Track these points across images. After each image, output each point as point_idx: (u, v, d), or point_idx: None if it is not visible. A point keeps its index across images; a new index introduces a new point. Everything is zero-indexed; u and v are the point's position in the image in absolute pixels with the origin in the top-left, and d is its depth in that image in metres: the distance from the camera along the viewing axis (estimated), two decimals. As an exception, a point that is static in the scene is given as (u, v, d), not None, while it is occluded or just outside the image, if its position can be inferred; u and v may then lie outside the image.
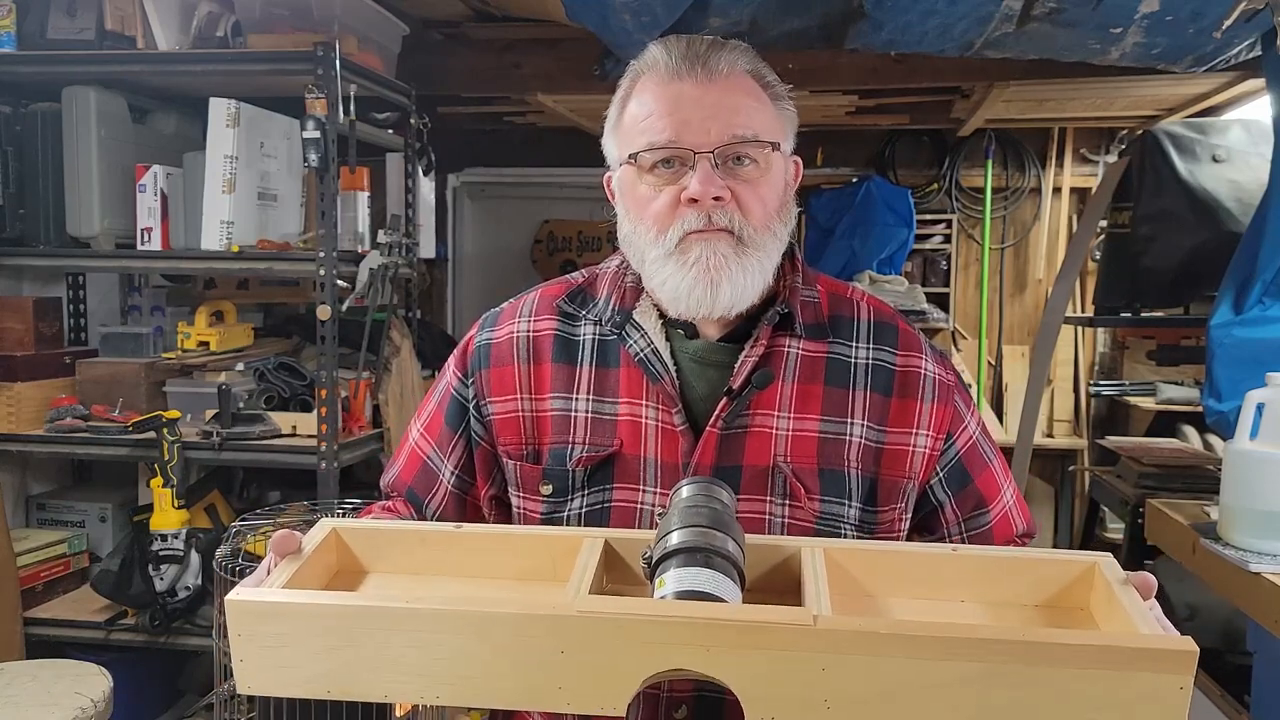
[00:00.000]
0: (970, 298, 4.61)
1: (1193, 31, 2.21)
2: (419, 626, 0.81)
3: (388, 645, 0.82)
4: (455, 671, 0.81)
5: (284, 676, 0.83)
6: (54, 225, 2.77)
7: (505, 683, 0.81)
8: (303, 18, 2.68)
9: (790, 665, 0.78)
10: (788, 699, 0.79)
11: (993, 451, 1.16)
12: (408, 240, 2.97)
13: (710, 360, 1.08)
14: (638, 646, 0.79)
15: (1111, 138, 4.41)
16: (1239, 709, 2.16)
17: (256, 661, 0.83)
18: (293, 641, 0.83)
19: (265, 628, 0.83)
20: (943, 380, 1.11)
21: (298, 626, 0.83)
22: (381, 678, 0.82)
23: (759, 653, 0.79)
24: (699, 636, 0.79)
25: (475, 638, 0.81)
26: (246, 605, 0.83)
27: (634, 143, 1.05)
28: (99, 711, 2.04)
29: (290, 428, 2.70)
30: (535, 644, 0.80)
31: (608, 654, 0.80)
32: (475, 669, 0.81)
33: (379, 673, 0.82)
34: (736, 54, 1.06)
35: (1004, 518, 1.15)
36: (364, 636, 0.82)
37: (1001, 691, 0.77)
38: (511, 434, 1.11)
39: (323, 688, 0.83)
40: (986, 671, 0.77)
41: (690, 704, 1.03)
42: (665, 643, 0.79)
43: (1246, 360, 2.30)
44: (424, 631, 0.81)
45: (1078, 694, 0.77)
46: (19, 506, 3.04)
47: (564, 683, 0.80)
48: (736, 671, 0.79)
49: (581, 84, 3.24)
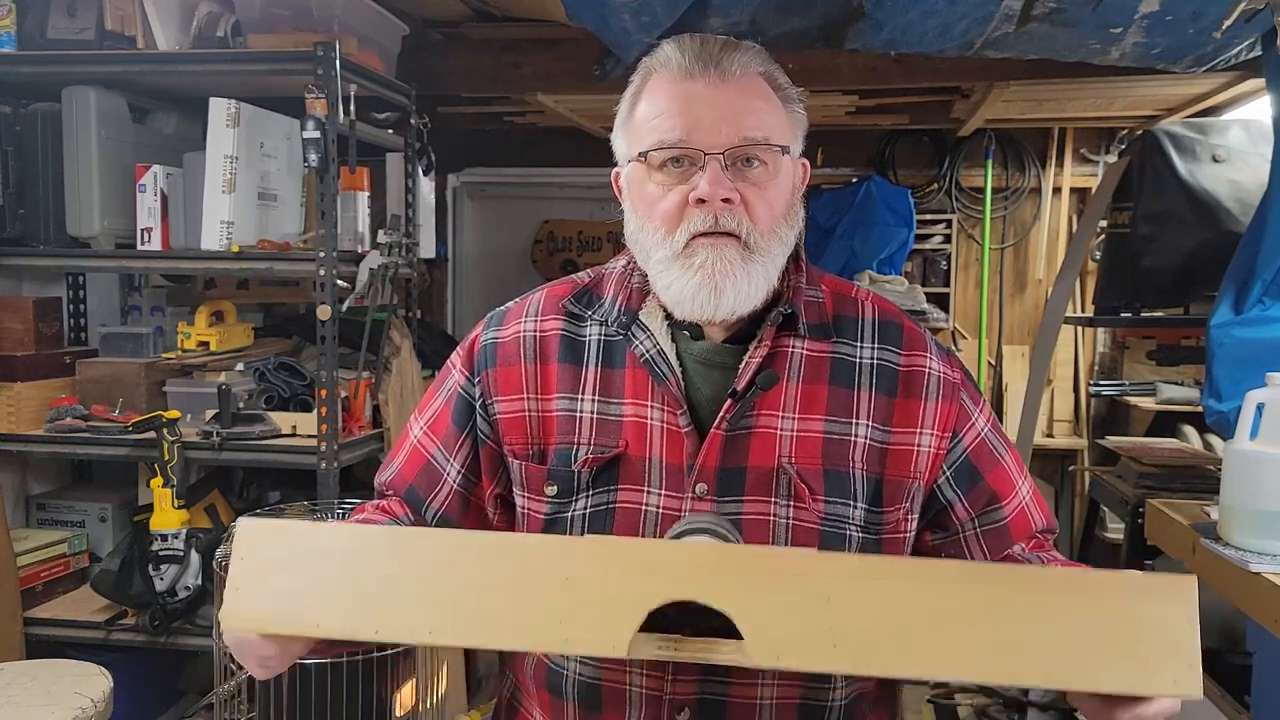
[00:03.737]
0: (970, 298, 4.61)
1: (1193, 31, 2.21)
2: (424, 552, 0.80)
3: (389, 573, 0.80)
4: (455, 604, 0.79)
5: (278, 607, 0.82)
6: (54, 225, 2.77)
7: (505, 617, 0.79)
8: (303, 18, 2.68)
9: (795, 597, 0.77)
10: (793, 636, 0.77)
11: (1005, 448, 1.14)
12: (408, 240, 2.97)
13: (715, 361, 1.08)
14: (644, 575, 0.78)
15: (1111, 138, 4.41)
16: (1239, 709, 2.16)
17: (253, 587, 0.82)
18: (295, 568, 0.82)
19: (270, 551, 0.82)
20: (948, 378, 1.11)
21: (303, 549, 0.82)
22: (378, 612, 0.80)
23: (765, 581, 0.77)
24: (705, 561, 0.78)
25: (480, 567, 0.80)
26: (257, 525, 0.84)
27: (644, 141, 1.05)
28: (99, 711, 2.03)
29: (290, 428, 2.70)
30: (541, 572, 0.79)
31: (614, 582, 0.78)
32: (476, 602, 0.79)
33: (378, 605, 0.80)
34: (750, 55, 1.05)
35: (1020, 513, 1.14)
36: (368, 563, 0.81)
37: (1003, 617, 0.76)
38: (517, 434, 1.11)
39: (314, 622, 0.82)
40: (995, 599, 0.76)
41: (693, 707, 1.03)
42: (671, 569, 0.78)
43: (1246, 360, 2.30)
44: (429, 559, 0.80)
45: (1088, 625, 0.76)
46: (19, 506, 3.04)
47: (565, 616, 0.78)
48: (742, 603, 0.77)
49: (581, 84, 3.24)
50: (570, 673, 1.08)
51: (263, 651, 0.89)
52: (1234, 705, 2.17)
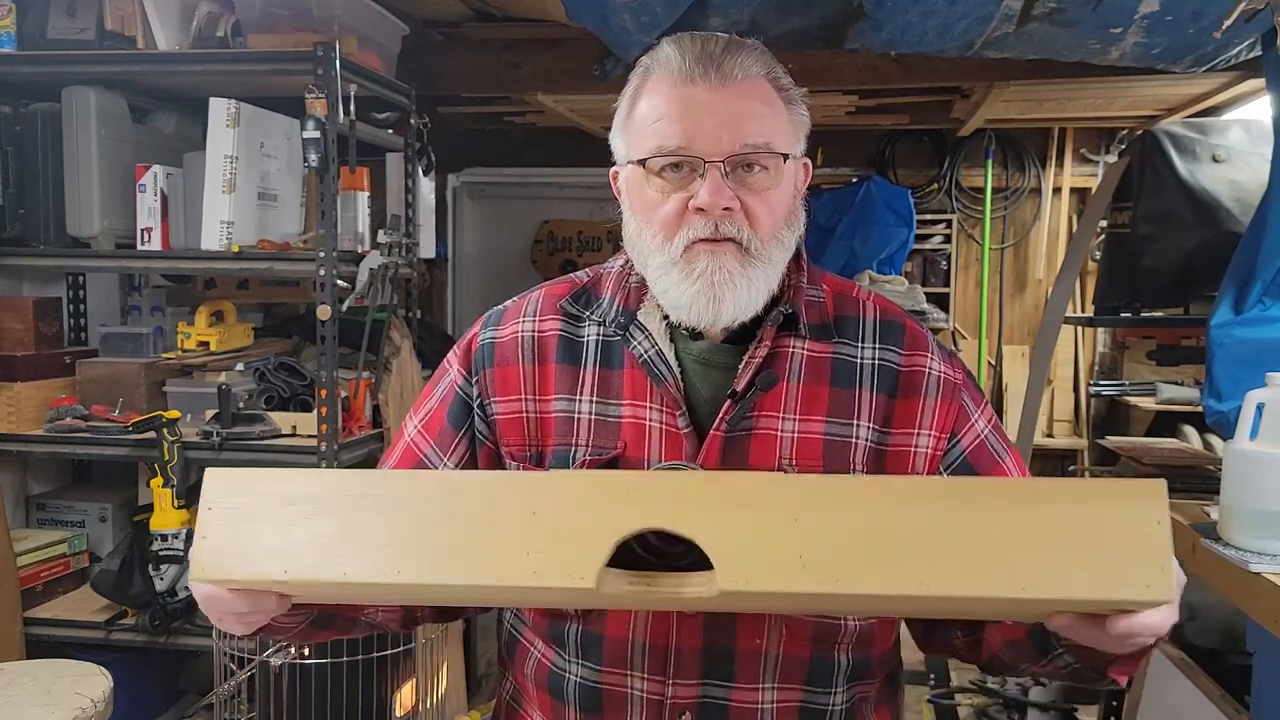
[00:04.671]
0: (970, 298, 4.61)
1: (1193, 31, 2.21)
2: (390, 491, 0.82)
3: (355, 513, 0.81)
4: (422, 541, 0.80)
5: (245, 554, 0.82)
6: (54, 225, 2.77)
7: (473, 552, 0.79)
8: (303, 18, 2.68)
9: (762, 520, 0.77)
10: (761, 560, 0.76)
11: (1005, 449, 1.13)
12: (408, 240, 2.97)
13: (714, 362, 1.07)
14: (610, 505, 0.79)
15: (1111, 138, 4.41)
16: (1239, 709, 2.15)
17: (220, 536, 0.83)
18: (261, 513, 0.82)
19: (236, 499, 0.83)
20: (949, 379, 1.10)
21: (269, 495, 0.82)
22: (344, 553, 0.81)
23: (731, 508, 0.77)
24: (671, 490, 0.79)
25: (445, 502, 0.80)
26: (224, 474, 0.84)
27: (643, 145, 1.03)
28: (99, 711, 2.03)
29: (290, 428, 2.70)
30: (506, 506, 0.79)
31: (579, 514, 0.79)
32: (442, 538, 0.80)
33: (343, 545, 0.81)
34: (752, 57, 1.03)
35: None
36: (334, 505, 0.81)
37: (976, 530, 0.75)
38: (515, 435, 1.11)
39: (280, 567, 0.82)
40: (960, 512, 0.75)
41: (694, 710, 1.03)
42: (637, 499, 0.78)
43: (1246, 360, 2.30)
44: (394, 497, 0.81)
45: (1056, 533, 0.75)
46: (19, 506, 3.04)
47: (532, 548, 0.78)
48: (708, 529, 0.77)
49: (581, 84, 3.24)
50: (571, 675, 1.07)
51: (235, 608, 0.87)
52: (1234, 705, 2.17)
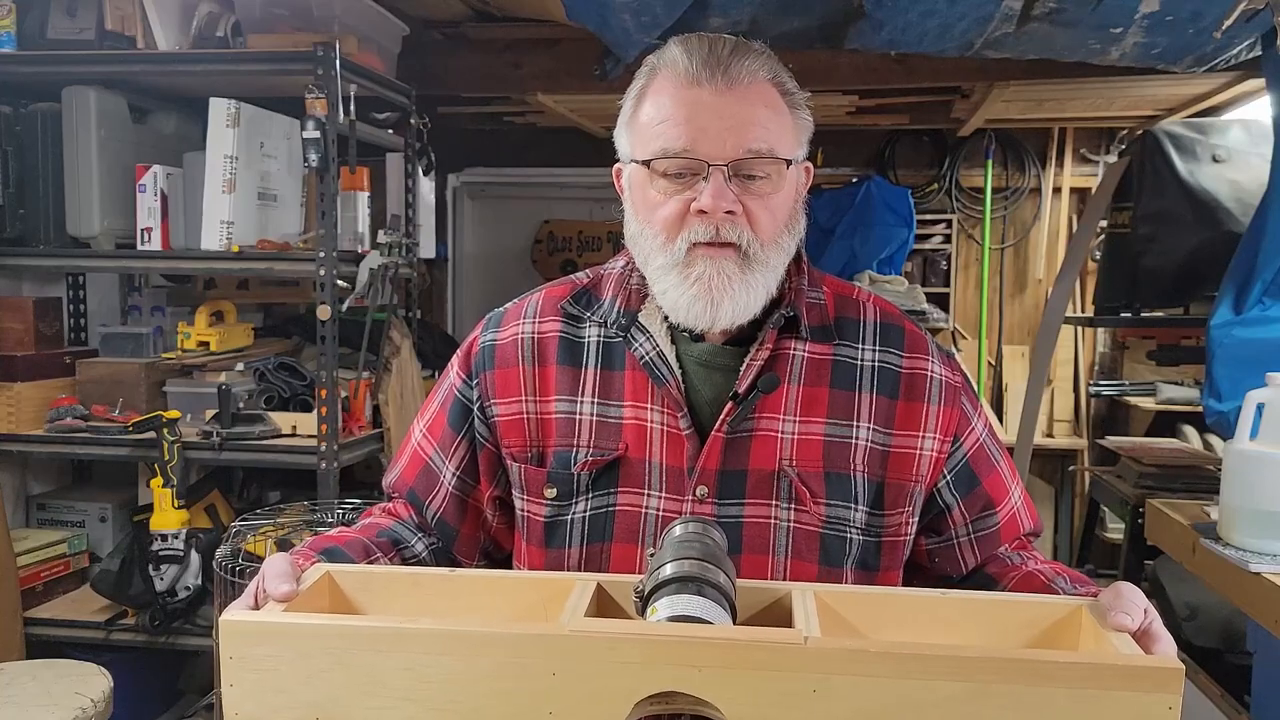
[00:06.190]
0: (970, 298, 4.61)
1: (1193, 31, 2.21)
2: (412, 647, 0.82)
3: (380, 668, 0.82)
4: (445, 695, 0.81)
5: (274, 702, 0.83)
6: (54, 225, 2.77)
7: (495, 708, 0.81)
8: (303, 18, 2.68)
9: (781, 687, 0.78)
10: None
11: (1000, 453, 1.15)
12: (408, 240, 2.97)
13: (715, 363, 1.08)
14: (629, 667, 0.79)
15: (1111, 138, 4.41)
16: (1239, 709, 2.16)
17: (247, 686, 0.83)
18: (286, 664, 0.83)
19: (260, 649, 0.83)
20: (950, 382, 1.10)
21: (292, 647, 0.83)
22: (371, 704, 0.82)
23: (750, 674, 0.78)
24: (690, 657, 0.79)
25: (467, 659, 0.81)
26: (241, 625, 0.84)
27: (647, 146, 1.03)
28: (99, 711, 2.04)
29: (290, 428, 2.70)
30: (527, 666, 0.80)
31: (599, 676, 0.79)
32: (465, 693, 0.81)
33: (370, 698, 0.82)
34: (758, 61, 1.03)
35: (1011, 518, 1.15)
36: (357, 658, 0.82)
37: (990, 712, 0.77)
38: (516, 436, 1.11)
39: (311, 716, 0.83)
40: (975, 691, 0.77)
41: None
42: (656, 663, 0.79)
43: (1246, 360, 2.30)
44: (417, 653, 0.81)
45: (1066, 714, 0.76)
46: (19, 506, 3.04)
47: (554, 707, 0.80)
48: (728, 694, 0.78)
49: (581, 84, 3.25)
50: None
51: None
52: (1234, 705, 2.17)
